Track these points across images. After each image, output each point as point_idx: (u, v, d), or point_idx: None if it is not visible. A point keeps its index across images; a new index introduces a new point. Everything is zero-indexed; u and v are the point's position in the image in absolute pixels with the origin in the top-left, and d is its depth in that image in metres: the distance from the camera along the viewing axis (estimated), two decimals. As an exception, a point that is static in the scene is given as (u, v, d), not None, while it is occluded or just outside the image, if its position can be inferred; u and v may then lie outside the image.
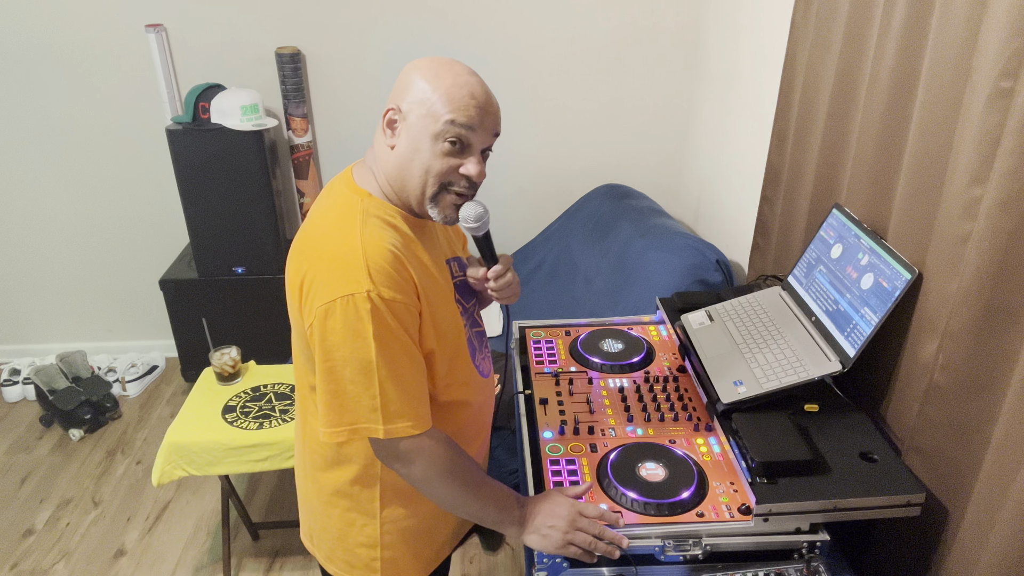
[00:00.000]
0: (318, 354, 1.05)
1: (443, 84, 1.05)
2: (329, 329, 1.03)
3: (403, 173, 1.09)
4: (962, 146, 1.14)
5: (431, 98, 1.04)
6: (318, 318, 1.03)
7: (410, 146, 1.07)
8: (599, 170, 2.94)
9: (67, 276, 3.10)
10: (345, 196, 1.12)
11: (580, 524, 1.15)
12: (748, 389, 1.36)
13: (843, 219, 1.51)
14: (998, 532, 1.06)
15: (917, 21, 1.27)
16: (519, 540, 1.19)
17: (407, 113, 1.06)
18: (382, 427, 1.06)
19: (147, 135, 2.81)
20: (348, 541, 1.25)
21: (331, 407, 1.07)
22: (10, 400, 3.00)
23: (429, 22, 2.70)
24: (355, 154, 2.87)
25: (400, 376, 1.06)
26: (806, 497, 1.16)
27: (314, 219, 1.13)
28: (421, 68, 1.07)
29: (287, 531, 2.34)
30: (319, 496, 1.25)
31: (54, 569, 2.24)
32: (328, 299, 1.02)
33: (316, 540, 1.31)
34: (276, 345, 2.73)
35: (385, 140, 1.09)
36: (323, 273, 1.04)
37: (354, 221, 1.07)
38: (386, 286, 1.03)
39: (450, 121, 1.04)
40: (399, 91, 1.08)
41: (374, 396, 1.04)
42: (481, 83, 1.08)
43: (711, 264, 2.06)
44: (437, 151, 1.06)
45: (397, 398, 1.06)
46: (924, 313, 1.27)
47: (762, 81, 2.12)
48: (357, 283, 1.01)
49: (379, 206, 1.11)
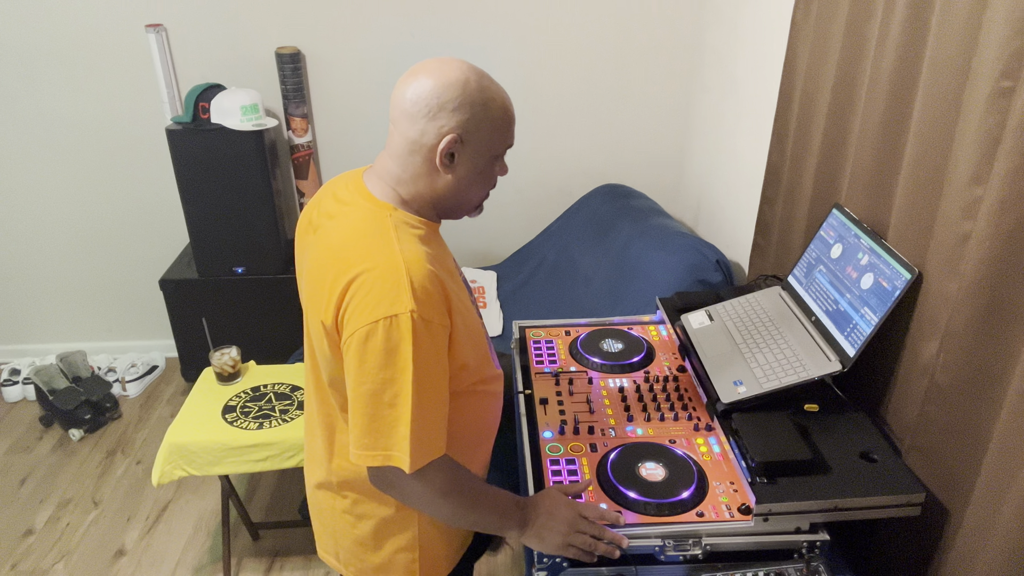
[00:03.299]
0: (353, 376, 1.03)
1: (495, 108, 1.07)
2: (369, 350, 1.01)
3: (459, 195, 1.12)
4: (962, 146, 1.14)
5: (491, 128, 1.07)
6: (356, 340, 1.01)
7: (471, 171, 1.10)
8: (599, 170, 2.94)
9: (67, 276, 3.10)
10: (370, 211, 1.10)
11: (580, 526, 1.15)
12: (748, 389, 1.36)
13: (843, 219, 1.52)
14: (998, 532, 1.06)
15: (917, 21, 1.27)
16: (520, 542, 1.19)
17: (468, 142, 1.07)
18: (409, 460, 1.03)
19: (147, 135, 2.81)
20: (385, 551, 1.23)
21: (367, 431, 1.04)
22: (10, 400, 3.00)
23: (429, 22, 2.70)
24: (355, 154, 2.90)
25: (430, 403, 1.05)
26: (806, 497, 1.16)
27: (342, 231, 1.10)
28: (468, 90, 1.04)
29: (287, 531, 2.34)
30: (349, 511, 1.23)
31: (54, 569, 2.24)
32: (372, 319, 1.00)
33: (344, 557, 1.28)
34: (276, 345, 2.74)
35: (440, 168, 1.08)
36: (363, 290, 1.01)
37: (390, 235, 1.05)
38: (427, 306, 1.02)
39: (508, 146, 1.12)
40: (450, 115, 1.04)
41: (406, 424, 1.02)
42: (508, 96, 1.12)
43: (711, 264, 2.06)
44: (493, 170, 1.13)
45: (426, 428, 1.05)
46: (924, 313, 1.27)
47: (762, 81, 2.12)
48: (401, 303, 1.00)
49: (405, 219, 1.10)
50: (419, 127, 1.05)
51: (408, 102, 1.05)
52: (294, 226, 1.30)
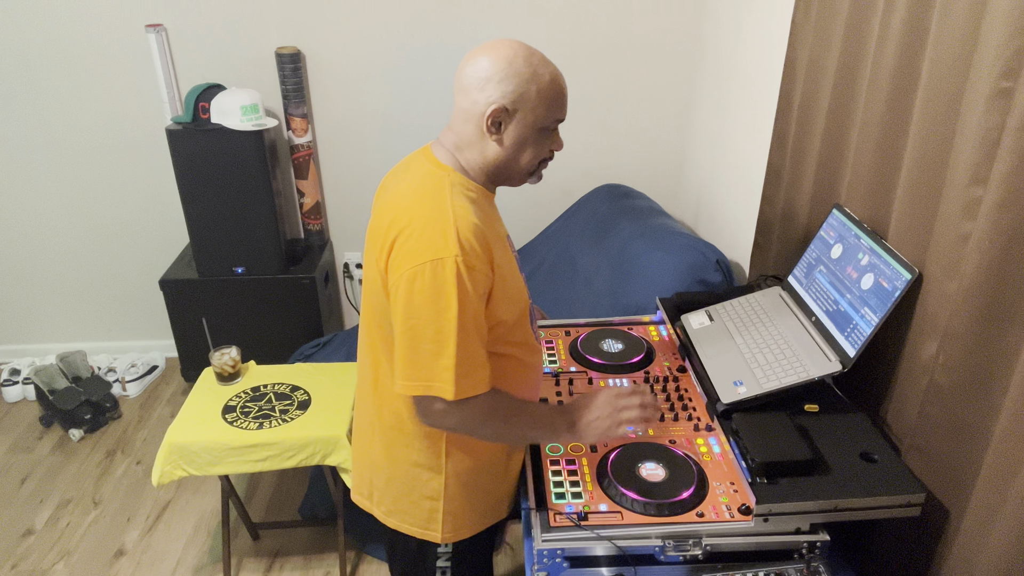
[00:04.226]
0: (400, 312, 1.13)
1: (543, 82, 1.17)
2: (416, 290, 1.10)
3: (509, 162, 1.21)
4: (962, 146, 1.14)
5: (537, 99, 1.16)
6: (405, 279, 1.11)
7: (518, 140, 1.19)
8: (599, 170, 2.94)
9: (67, 276, 3.10)
10: (430, 171, 1.21)
11: (621, 404, 1.25)
12: (748, 389, 1.36)
13: (843, 219, 1.51)
14: (998, 532, 1.06)
15: (917, 21, 1.27)
16: (582, 443, 1.32)
17: (513, 112, 1.16)
18: (452, 388, 1.12)
19: (147, 135, 2.81)
20: (414, 495, 1.32)
21: (410, 362, 1.14)
22: (10, 400, 3.00)
23: (429, 23, 2.70)
24: (355, 154, 2.90)
25: (471, 341, 1.14)
26: (806, 497, 1.16)
27: (403, 187, 1.21)
28: (516, 64, 1.14)
29: (287, 531, 2.34)
30: (387, 453, 1.32)
31: (54, 569, 2.24)
32: (418, 262, 1.09)
33: (378, 496, 1.37)
34: (276, 345, 2.74)
35: (487, 135, 1.18)
36: (415, 236, 1.11)
37: (444, 191, 1.16)
38: (471, 255, 1.11)
39: (557, 119, 1.21)
40: (496, 86, 1.14)
41: (450, 357, 1.12)
42: (560, 72, 1.21)
43: (711, 264, 2.05)
44: (542, 140, 1.22)
45: (468, 361, 1.14)
46: (924, 313, 1.27)
47: (762, 81, 2.12)
48: (447, 248, 1.09)
49: (462, 181, 1.20)
50: (471, 98, 1.16)
51: (465, 77, 1.17)
52: (294, 226, 1.36)
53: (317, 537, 2.32)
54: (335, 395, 2.01)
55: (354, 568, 2.22)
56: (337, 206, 3.02)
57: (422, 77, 2.79)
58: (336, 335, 2.57)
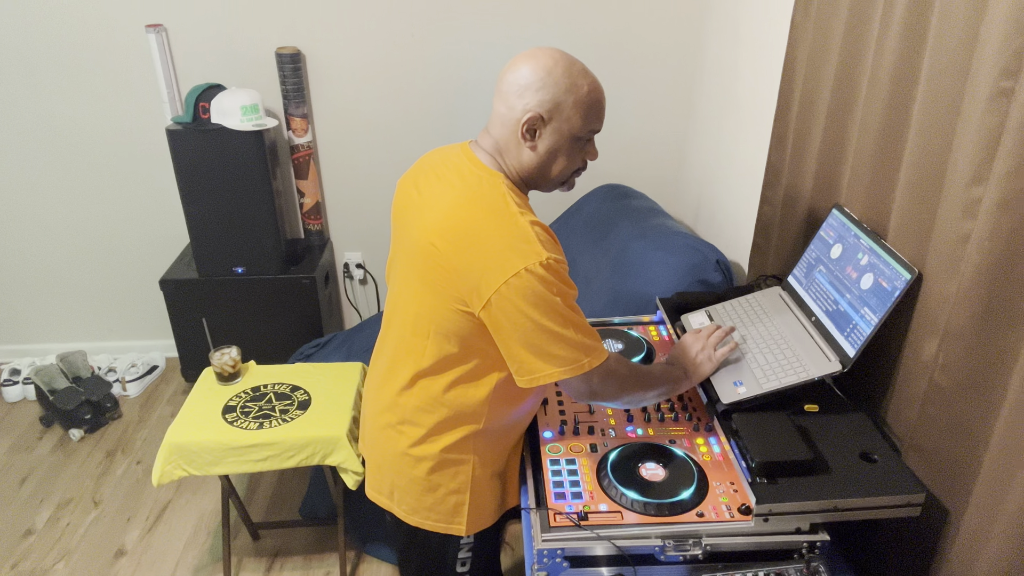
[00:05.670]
0: (508, 322, 1.15)
1: (580, 93, 1.18)
2: (520, 299, 1.13)
3: (542, 169, 1.24)
4: (962, 146, 1.14)
5: (573, 109, 1.18)
6: (512, 291, 1.13)
7: (552, 148, 1.21)
8: (599, 170, 2.93)
9: (67, 276, 3.10)
10: (481, 177, 1.22)
11: (706, 341, 1.43)
12: (748, 389, 1.36)
13: (843, 219, 1.52)
14: (998, 532, 1.06)
15: (917, 21, 1.27)
16: (696, 383, 1.43)
17: (548, 120, 1.18)
18: (587, 360, 1.18)
19: (147, 135, 2.81)
20: (439, 491, 1.33)
21: (550, 357, 1.17)
22: (10, 400, 3.00)
23: (429, 22, 2.70)
24: (355, 154, 2.90)
25: (581, 319, 1.19)
26: (806, 497, 1.16)
27: (454, 193, 1.22)
28: (555, 74, 1.16)
29: (287, 531, 2.34)
30: (409, 452, 1.32)
31: (54, 569, 2.24)
32: (510, 273, 1.12)
33: (399, 495, 1.37)
34: (276, 345, 2.74)
35: (522, 141, 1.20)
36: (499, 253, 1.14)
37: (505, 197, 1.18)
38: (552, 251, 1.15)
39: (592, 130, 1.22)
40: (534, 94, 1.16)
41: (585, 330, 1.18)
42: (600, 84, 1.21)
43: (711, 264, 2.05)
44: (576, 150, 1.24)
45: (589, 335, 1.19)
46: (924, 313, 1.27)
47: (762, 81, 2.12)
48: (535, 254, 1.13)
49: (510, 186, 1.22)
50: (509, 103, 1.19)
51: (505, 83, 1.20)
52: (294, 226, 1.35)
53: (317, 537, 2.32)
54: (335, 395, 2.01)
55: (354, 568, 2.22)
56: (337, 206, 3.02)
57: (422, 77, 2.79)
58: (336, 335, 2.57)
